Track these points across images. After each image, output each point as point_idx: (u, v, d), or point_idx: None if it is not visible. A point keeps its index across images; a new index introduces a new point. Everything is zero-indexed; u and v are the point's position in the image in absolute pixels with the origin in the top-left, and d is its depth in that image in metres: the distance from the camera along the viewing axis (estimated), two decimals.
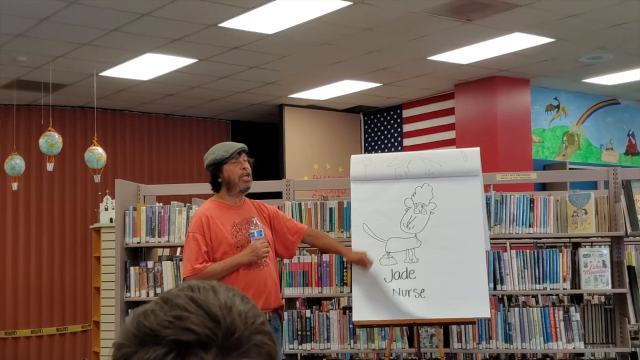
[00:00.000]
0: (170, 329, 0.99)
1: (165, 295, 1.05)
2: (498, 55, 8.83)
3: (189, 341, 0.98)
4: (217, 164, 4.50)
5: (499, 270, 5.16)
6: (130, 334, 1.02)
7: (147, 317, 1.02)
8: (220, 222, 4.45)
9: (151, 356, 0.97)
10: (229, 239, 4.42)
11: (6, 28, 7.37)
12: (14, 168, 9.02)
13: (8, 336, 10.61)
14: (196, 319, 0.99)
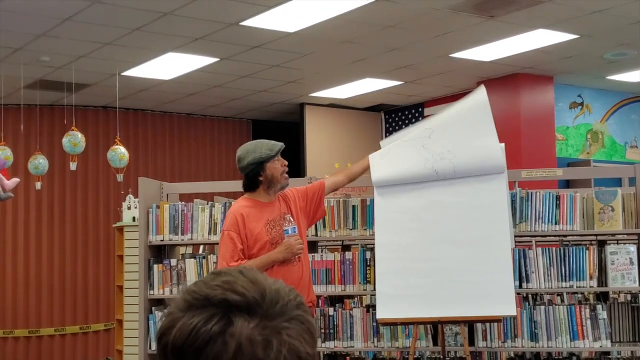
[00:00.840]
0: (219, 290, 1.06)
1: (215, 270, 1.14)
2: (521, 52, 8.76)
3: (236, 302, 1.05)
4: (260, 162, 4.50)
5: (524, 268, 5.11)
6: (180, 301, 1.09)
7: (197, 285, 1.10)
8: (255, 219, 4.45)
9: (196, 320, 1.04)
10: (264, 236, 4.43)
11: (29, 28, 7.41)
12: (37, 168, 9.06)
13: (32, 335, 10.68)
14: (244, 284, 1.07)
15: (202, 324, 1.04)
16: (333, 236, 5.54)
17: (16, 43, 7.89)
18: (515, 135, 9.75)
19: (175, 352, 1.06)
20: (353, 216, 5.44)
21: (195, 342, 1.04)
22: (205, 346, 1.04)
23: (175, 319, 1.07)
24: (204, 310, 1.06)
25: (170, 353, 1.07)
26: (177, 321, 1.06)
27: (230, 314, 1.05)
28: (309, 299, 4.51)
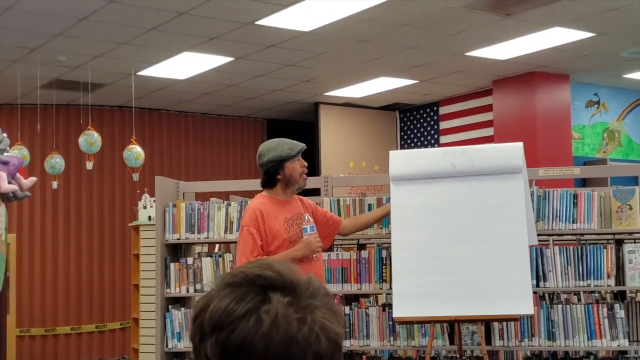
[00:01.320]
0: (257, 269, 1.13)
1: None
2: (537, 50, 8.72)
3: (272, 280, 1.12)
4: (280, 160, 4.53)
5: (541, 267, 5.09)
6: (218, 281, 1.16)
7: (236, 269, 1.17)
8: (274, 217, 4.46)
9: (231, 297, 1.10)
10: (282, 234, 4.44)
11: (45, 28, 7.44)
12: (54, 167, 9.11)
13: (48, 333, 10.73)
14: (281, 267, 1.14)
15: (237, 301, 1.10)
16: (349, 235, 5.52)
17: (33, 43, 7.93)
18: (532, 134, 9.72)
19: (211, 330, 1.10)
20: None
21: (229, 318, 1.09)
22: (239, 322, 1.08)
23: (211, 298, 1.12)
24: (239, 288, 1.11)
25: (206, 331, 1.11)
26: (213, 300, 1.11)
27: (266, 291, 1.10)
28: None
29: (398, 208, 4.85)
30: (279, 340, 1.08)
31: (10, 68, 8.85)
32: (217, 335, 1.10)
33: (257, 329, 1.08)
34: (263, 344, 1.08)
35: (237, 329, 1.08)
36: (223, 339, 1.09)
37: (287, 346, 1.08)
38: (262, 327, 1.08)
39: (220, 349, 1.09)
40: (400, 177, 4.85)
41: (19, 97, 9.86)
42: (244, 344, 1.08)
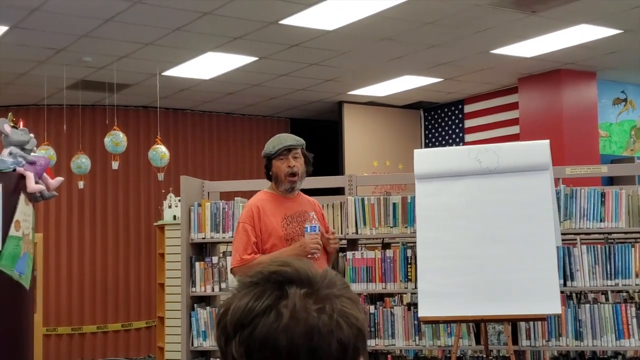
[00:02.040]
0: (273, 266, 1.16)
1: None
2: (563, 47, 8.65)
3: (288, 275, 1.14)
4: (267, 157, 4.42)
5: (569, 266, 5.04)
6: (238, 283, 1.18)
7: (252, 270, 1.19)
8: (272, 214, 4.35)
9: (249, 296, 1.13)
10: (279, 231, 4.32)
11: (71, 29, 7.49)
12: (80, 167, 9.17)
13: (74, 332, 10.80)
14: (297, 263, 1.17)
15: (256, 298, 1.12)
16: (373, 234, 5.51)
17: (59, 44, 7.99)
18: (558, 132, 9.64)
19: (233, 330, 1.12)
20: (394, 214, 5.41)
21: (249, 316, 1.11)
22: (260, 319, 1.11)
23: (231, 300, 1.15)
24: (257, 286, 1.14)
25: (229, 332, 1.13)
26: (233, 301, 1.14)
27: (283, 286, 1.13)
28: None
29: (423, 207, 4.82)
30: (300, 332, 1.10)
31: (37, 69, 8.92)
32: (240, 334, 1.11)
33: (277, 324, 1.10)
34: (285, 337, 1.09)
35: (258, 325, 1.10)
36: (246, 337, 1.11)
37: (309, 337, 1.10)
38: (282, 320, 1.10)
39: (245, 348, 1.11)
40: (425, 175, 4.83)
41: (45, 98, 9.93)
42: (266, 340, 1.10)
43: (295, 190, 4.44)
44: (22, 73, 9.13)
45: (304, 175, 4.46)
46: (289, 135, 4.52)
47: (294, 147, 4.40)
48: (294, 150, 4.40)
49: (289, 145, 4.37)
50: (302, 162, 4.43)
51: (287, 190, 4.41)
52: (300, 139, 4.47)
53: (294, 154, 4.39)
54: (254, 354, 1.11)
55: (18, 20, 7.13)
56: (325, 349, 1.11)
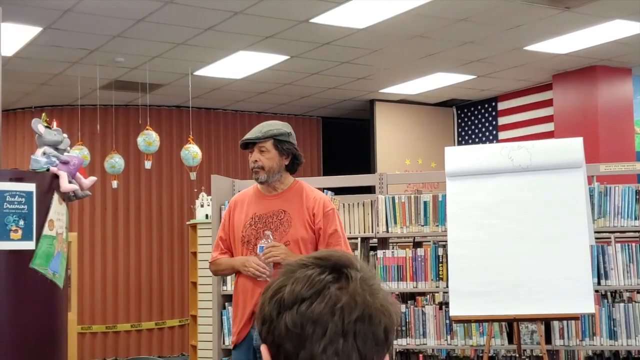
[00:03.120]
0: (325, 253, 1.27)
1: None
2: (598, 44, 8.54)
3: (341, 261, 1.24)
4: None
5: (603, 264, 4.98)
6: (287, 267, 1.26)
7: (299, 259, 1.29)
8: (244, 212, 3.99)
9: (310, 272, 1.22)
10: (238, 232, 3.97)
11: (104, 29, 7.55)
12: (114, 166, 9.24)
13: (109, 330, 10.90)
14: (343, 252, 1.28)
15: (317, 274, 1.21)
16: (404, 232, 5.49)
17: (92, 45, 8.06)
18: (593, 129, 9.53)
19: (291, 302, 1.20)
20: (425, 212, 5.38)
21: (309, 291, 1.19)
22: (318, 295, 1.19)
23: (287, 279, 1.23)
24: (313, 267, 1.22)
25: (286, 304, 1.20)
26: (290, 278, 1.22)
27: (341, 269, 1.22)
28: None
29: (455, 205, 4.79)
30: (356, 314, 1.18)
31: (71, 69, 9.01)
32: (298, 306, 1.18)
33: (336, 301, 1.18)
34: (341, 316, 1.17)
35: (316, 300, 1.18)
36: (304, 310, 1.18)
37: (362, 319, 1.18)
38: (341, 300, 1.18)
39: (300, 320, 1.18)
40: (457, 173, 4.79)
41: (79, 98, 10.03)
42: (322, 315, 1.17)
43: (266, 184, 3.96)
44: (56, 74, 9.23)
45: (276, 169, 3.91)
46: (258, 127, 3.99)
47: (252, 141, 3.93)
48: (259, 144, 3.91)
49: (246, 140, 3.95)
50: (270, 155, 3.89)
51: (261, 183, 3.98)
52: (269, 131, 3.92)
53: (259, 147, 3.90)
54: (307, 327, 1.17)
55: (52, 21, 7.20)
56: (374, 332, 1.19)
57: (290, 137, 3.95)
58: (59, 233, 4.40)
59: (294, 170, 4.02)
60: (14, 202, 4.18)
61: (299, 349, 1.18)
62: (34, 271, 4.21)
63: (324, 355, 1.17)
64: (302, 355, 1.18)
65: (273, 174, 3.91)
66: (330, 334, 1.17)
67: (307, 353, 1.17)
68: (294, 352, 1.18)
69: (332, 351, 1.17)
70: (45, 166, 4.36)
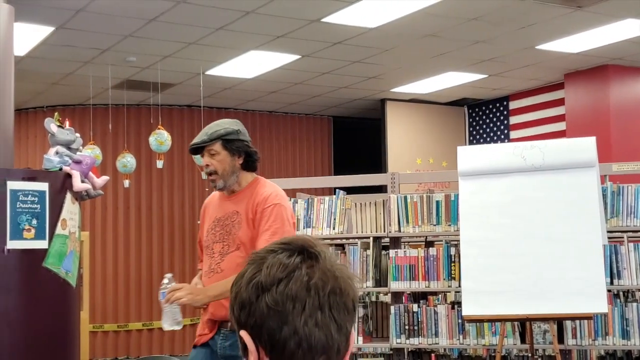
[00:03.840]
0: (289, 238, 1.38)
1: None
2: (610, 43, 8.52)
3: (306, 243, 1.35)
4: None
5: (615, 264, 4.96)
6: (257, 253, 1.36)
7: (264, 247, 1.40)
8: (208, 216, 3.83)
9: (280, 256, 1.32)
10: (202, 236, 3.86)
11: (116, 29, 7.58)
12: (125, 166, 9.27)
13: (121, 329, 10.93)
14: (305, 237, 1.40)
15: (287, 257, 1.32)
16: (416, 232, 5.48)
17: (104, 44, 8.09)
18: (605, 128, 9.50)
19: (270, 284, 1.30)
20: (437, 212, 5.37)
21: (285, 271, 1.30)
22: (293, 273, 1.30)
23: (258, 265, 1.32)
24: (282, 251, 1.33)
25: (264, 286, 1.30)
26: (262, 264, 1.32)
27: (304, 250, 1.34)
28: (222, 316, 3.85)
29: (468, 205, 4.78)
30: (328, 288, 1.30)
31: (82, 69, 9.04)
32: (276, 287, 1.29)
33: (309, 278, 1.30)
34: (315, 291, 1.29)
35: (292, 279, 1.29)
36: (282, 289, 1.29)
37: (334, 292, 1.31)
38: (314, 276, 1.30)
39: (280, 298, 1.28)
40: (469, 172, 4.78)
41: (91, 98, 10.07)
42: (299, 292, 1.29)
43: (225, 188, 3.72)
44: (68, 73, 9.26)
45: (229, 171, 3.67)
46: (205, 129, 3.72)
47: (200, 145, 3.69)
48: (207, 147, 3.67)
49: (193, 145, 3.73)
50: (221, 157, 3.65)
51: (220, 190, 3.76)
52: (216, 132, 3.67)
53: (207, 152, 3.67)
54: (287, 304, 1.28)
55: (64, 21, 7.23)
56: (345, 303, 1.32)
57: (240, 135, 3.71)
58: (72, 232, 4.41)
59: (253, 168, 3.76)
60: (27, 202, 4.20)
61: (282, 325, 1.28)
62: (46, 270, 4.23)
63: (306, 327, 1.28)
64: (285, 330, 1.28)
65: (228, 176, 3.66)
66: (309, 308, 1.29)
67: (290, 328, 1.28)
68: (278, 329, 1.28)
69: (313, 323, 1.29)
70: (58, 165, 4.37)
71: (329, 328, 1.30)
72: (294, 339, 1.28)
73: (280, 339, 1.28)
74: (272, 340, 1.29)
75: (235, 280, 1.36)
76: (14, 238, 4.15)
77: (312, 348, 1.29)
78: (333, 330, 1.31)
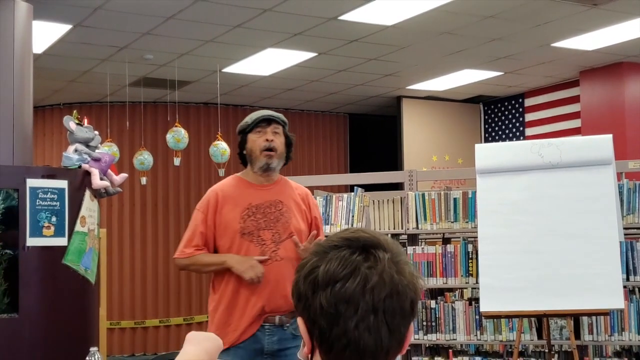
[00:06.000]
0: (351, 234, 1.36)
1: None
2: (625, 40, 8.50)
3: (368, 241, 1.34)
4: (242, 132, 3.81)
5: (632, 260, 4.97)
6: (317, 248, 1.36)
7: (328, 238, 1.40)
8: (234, 203, 3.69)
9: (342, 253, 1.32)
10: (234, 224, 3.66)
11: (133, 27, 7.63)
12: (142, 163, 9.32)
13: (137, 326, 11.00)
14: (371, 231, 1.39)
15: (349, 255, 1.31)
16: (434, 229, 5.51)
17: (121, 42, 8.14)
18: (620, 125, 9.48)
19: (326, 283, 1.30)
20: (454, 209, 5.40)
21: (342, 272, 1.30)
22: (350, 275, 1.29)
23: (320, 259, 1.33)
24: (345, 248, 1.33)
25: (320, 285, 1.31)
26: (323, 259, 1.32)
27: (369, 249, 1.33)
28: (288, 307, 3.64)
29: (485, 202, 4.79)
30: (386, 292, 1.29)
31: (100, 66, 9.11)
32: (331, 287, 1.29)
33: (366, 282, 1.29)
34: (371, 295, 1.28)
35: (348, 281, 1.29)
36: (337, 291, 1.29)
37: (391, 296, 1.30)
38: (371, 280, 1.29)
39: (334, 299, 1.28)
40: (487, 170, 4.80)
41: (108, 95, 10.14)
42: (355, 295, 1.28)
43: (270, 171, 3.76)
44: (86, 71, 9.32)
45: (283, 157, 3.79)
46: (266, 111, 3.86)
47: (274, 120, 3.76)
48: (274, 124, 3.76)
49: (269, 116, 3.76)
50: (282, 140, 3.77)
51: (262, 169, 3.74)
52: (280, 117, 3.81)
53: (273, 129, 3.75)
54: (340, 306, 1.28)
55: (81, 18, 7.29)
56: (401, 307, 1.31)
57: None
58: (91, 229, 4.46)
59: (284, 166, 3.88)
60: (47, 199, 4.25)
61: (333, 326, 1.29)
62: (66, 267, 4.28)
63: (357, 331, 1.28)
64: (336, 331, 1.29)
65: (280, 160, 3.78)
66: (362, 312, 1.28)
67: (340, 329, 1.29)
68: (328, 328, 1.30)
69: (364, 327, 1.28)
70: (77, 163, 4.42)
71: (380, 333, 1.30)
72: (343, 341, 1.29)
73: (330, 338, 1.30)
74: (322, 337, 1.32)
75: (297, 268, 1.38)
76: (33, 235, 4.20)
77: (360, 351, 1.30)
78: (384, 335, 1.30)
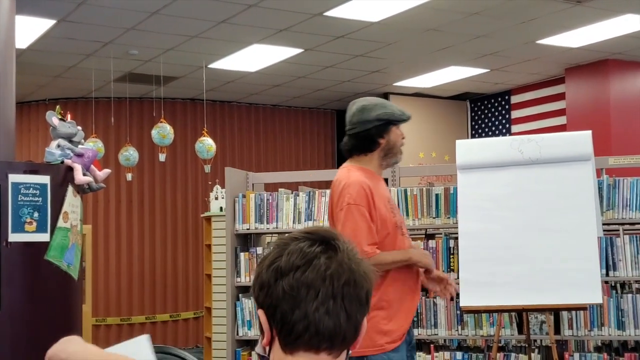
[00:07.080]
0: (311, 229, 1.48)
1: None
2: (610, 37, 8.55)
3: (327, 235, 1.44)
4: (388, 121, 3.59)
5: (611, 256, 5.01)
6: (280, 240, 1.45)
7: (291, 234, 1.48)
8: (379, 195, 3.45)
9: (301, 244, 1.41)
10: (390, 217, 3.45)
11: (118, 22, 7.62)
12: (128, 159, 9.31)
13: (123, 322, 11.00)
14: (325, 228, 1.50)
15: (308, 246, 1.41)
16: (416, 225, 5.52)
17: (106, 37, 8.13)
18: (605, 122, 9.53)
19: (288, 270, 1.39)
20: (436, 205, 5.42)
21: (304, 259, 1.39)
22: (311, 262, 1.39)
23: (281, 250, 1.42)
24: (304, 240, 1.42)
25: (283, 271, 1.39)
26: (284, 250, 1.41)
27: (328, 241, 1.42)
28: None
29: (465, 197, 4.81)
30: (343, 280, 1.39)
31: (85, 62, 9.09)
32: (293, 273, 1.38)
33: (326, 268, 1.38)
34: (330, 281, 1.38)
35: (309, 267, 1.38)
36: (299, 276, 1.38)
37: (348, 284, 1.39)
38: (331, 267, 1.39)
39: (296, 284, 1.38)
40: (467, 165, 4.82)
41: (93, 91, 10.12)
42: (315, 280, 1.37)
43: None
44: (70, 66, 9.31)
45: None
46: (397, 106, 3.82)
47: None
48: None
49: (409, 118, 3.70)
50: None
51: (392, 164, 3.67)
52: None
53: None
54: (302, 290, 1.37)
55: (66, 13, 7.27)
56: (358, 295, 1.41)
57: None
58: (74, 225, 4.45)
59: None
60: (29, 195, 4.24)
61: (295, 309, 1.38)
62: (48, 263, 4.27)
63: (317, 313, 1.38)
64: (297, 314, 1.38)
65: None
66: (322, 297, 1.38)
67: (301, 312, 1.38)
68: (290, 311, 1.38)
69: (324, 310, 1.38)
70: (60, 159, 4.41)
71: (339, 317, 1.39)
72: (303, 323, 1.38)
73: (291, 321, 1.38)
74: (283, 321, 1.39)
75: (259, 262, 1.48)
76: (15, 231, 4.19)
77: (319, 333, 1.38)
78: (342, 320, 1.39)
